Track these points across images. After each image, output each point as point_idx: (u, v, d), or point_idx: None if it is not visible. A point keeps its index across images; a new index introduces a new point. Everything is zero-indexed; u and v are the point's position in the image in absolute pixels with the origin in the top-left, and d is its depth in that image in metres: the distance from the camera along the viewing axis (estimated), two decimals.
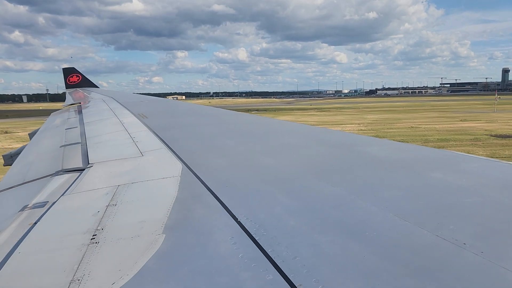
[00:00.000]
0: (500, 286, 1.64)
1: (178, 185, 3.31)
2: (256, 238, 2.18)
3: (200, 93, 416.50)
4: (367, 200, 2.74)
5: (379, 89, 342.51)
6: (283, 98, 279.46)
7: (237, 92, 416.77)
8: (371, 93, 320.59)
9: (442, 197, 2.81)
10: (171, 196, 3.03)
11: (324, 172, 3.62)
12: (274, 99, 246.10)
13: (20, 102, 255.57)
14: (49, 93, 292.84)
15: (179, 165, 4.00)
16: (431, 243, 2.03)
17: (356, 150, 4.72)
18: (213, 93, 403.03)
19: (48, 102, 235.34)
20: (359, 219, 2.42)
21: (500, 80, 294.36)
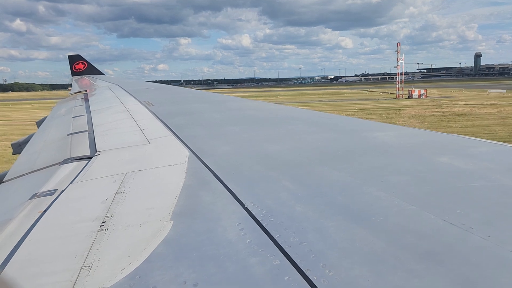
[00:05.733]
0: (507, 270, 1.64)
1: (185, 172, 3.32)
2: (263, 224, 2.19)
3: (172, 80, 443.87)
4: (373, 185, 2.74)
5: (342, 76, 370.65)
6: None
7: (209, 80, 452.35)
8: (335, 79, 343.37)
9: (449, 182, 2.79)
10: (178, 183, 3.05)
11: (330, 158, 3.61)
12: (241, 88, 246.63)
13: None
14: (5, 83, 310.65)
15: (186, 152, 4.02)
16: (438, 228, 2.03)
17: (362, 136, 4.69)
18: (183, 81, 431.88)
19: (1, 92, 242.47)
20: (365, 204, 2.42)
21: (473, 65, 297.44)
